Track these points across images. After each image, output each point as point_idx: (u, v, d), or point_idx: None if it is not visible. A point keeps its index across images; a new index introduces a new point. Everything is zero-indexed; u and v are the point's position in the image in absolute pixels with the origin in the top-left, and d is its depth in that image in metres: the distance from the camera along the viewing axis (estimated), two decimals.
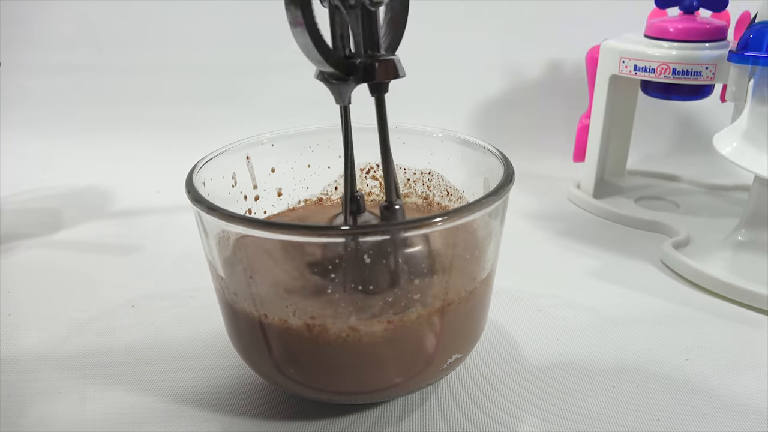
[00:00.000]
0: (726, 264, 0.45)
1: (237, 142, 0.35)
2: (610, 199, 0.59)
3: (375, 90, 0.28)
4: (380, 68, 0.27)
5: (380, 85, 0.28)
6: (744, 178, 0.59)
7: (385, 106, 0.29)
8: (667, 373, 0.35)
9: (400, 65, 0.28)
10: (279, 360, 0.30)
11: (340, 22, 0.27)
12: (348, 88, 0.28)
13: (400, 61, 0.28)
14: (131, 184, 0.66)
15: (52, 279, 0.47)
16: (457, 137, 0.37)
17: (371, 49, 0.27)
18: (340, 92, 0.28)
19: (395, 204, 0.30)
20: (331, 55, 0.26)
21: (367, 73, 0.27)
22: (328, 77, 0.28)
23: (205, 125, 0.76)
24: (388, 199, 0.30)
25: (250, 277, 0.29)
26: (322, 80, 0.28)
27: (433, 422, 0.32)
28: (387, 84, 0.28)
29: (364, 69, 0.27)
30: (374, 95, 0.28)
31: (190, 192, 0.29)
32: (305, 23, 0.24)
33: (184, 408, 0.33)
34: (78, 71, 0.82)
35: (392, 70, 0.27)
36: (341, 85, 0.28)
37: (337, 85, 0.28)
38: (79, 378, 0.35)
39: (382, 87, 0.28)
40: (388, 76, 0.27)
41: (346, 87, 0.28)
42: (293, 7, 0.24)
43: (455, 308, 0.29)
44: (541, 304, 0.42)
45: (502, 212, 0.30)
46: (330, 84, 0.28)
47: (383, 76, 0.27)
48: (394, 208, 0.30)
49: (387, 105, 0.29)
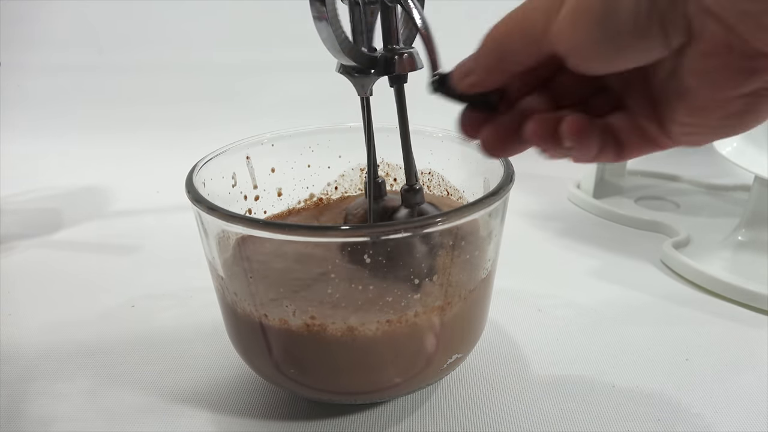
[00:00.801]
0: (726, 264, 0.45)
1: (237, 142, 0.35)
2: (610, 199, 0.59)
3: (395, 81, 0.29)
4: (400, 61, 0.28)
5: (400, 76, 0.29)
6: (744, 178, 0.59)
7: (404, 95, 0.30)
8: (667, 373, 0.35)
9: (418, 57, 0.29)
10: (279, 360, 0.30)
11: (359, 17, 0.28)
12: (369, 81, 0.30)
13: (417, 54, 0.29)
14: (131, 184, 0.66)
15: (52, 279, 0.47)
16: (457, 137, 0.37)
17: (390, 43, 0.28)
18: (362, 84, 0.30)
19: (415, 186, 0.32)
20: (353, 48, 0.27)
21: (388, 66, 0.28)
22: (350, 70, 0.29)
23: (205, 125, 0.76)
24: (409, 182, 0.31)
25: (250, 277, 0.29)
26: (344, 73, 0.30)
27: (433, 422, 0.32)
28: (406, 75, 0.29)
29: (384, 62, 0.28)
30: (394, 86, 0.30)
31: (190, 192, 0.29)
32: (328, 18, 0.25)
33: (184, 408, 0.33)
34: (78, 71, 0.82)
35: (411, 62, 0.29)
36: (363, 78, 0.29)
37: (359, 78, 0.29)
38: (79, 378, 0.35)
39: (402, 78, 0.29)
40: (407, 68, 0.29)
41: (368, 80, 0.30)
42: (318, 2, 0.25)
43: (455, 308, 0.29)
44: (541, 304, 0.42)
45: (502, 212, 0.30)
46: (352, 77, 0.30)
47: (403, 68, 0.29)
48: (415, 189, 0.32)
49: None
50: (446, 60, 0.25)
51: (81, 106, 0.81)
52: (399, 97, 0.30)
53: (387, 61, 0.28)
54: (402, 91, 0.30)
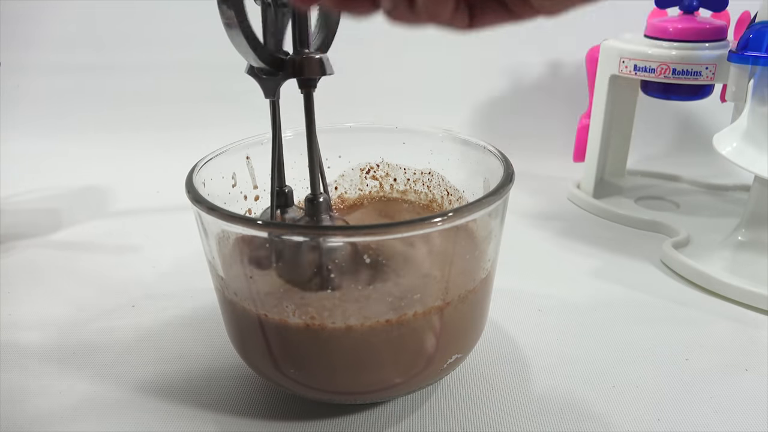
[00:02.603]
0: (726, 264, 0.45)
1: (237, 142, 0.35)
2: (610, 199, 0.59)
3: (304, 85, 0.29)
4: (308, 64, 0.28)
5: (309, 80, 0.29)
6: (744, 178, 0.59)
7: (312, 101, 0.30)
8: (667, 373, 0.35)
9: (329, 63, 0.29)
10: (279, 360, 0.30)
11: (271, 19, 0.28)
12: (277, 84, 0.29)
13: (328, 59, 0.29)
14: (131, 184, 0.66)
15: (52, 279, 0.47)
16: (457, 137, 0.37)
17: (301, 46, 0.28)
18: (269, 87, 0.30)
19: (319, 197, 0.31)
20: (262, 51, 0.27)
21: (296, 69, 0.28)
22: (258, 72, 0.29)
23: (205, 125, 0.76)
24: (313, 192, 0.31)
25: (250, 277, 0.29)
26: (252, 75, 0.29)
27: (433, 422, 0.32)
28: (316, 80, 0.29)
29: (293, 65, 0.28)
30: (303, 90, 0.29)
31: (190, 192, 0.29)
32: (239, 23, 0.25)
33: (184, 408, 0.33)
34: (78, 71, 0.82)
35: (320, 66, 0.28)
36: (271, 80, 0.29)
37: (267, 80, 0.29)
38: (79, 378, 0.35)
39: (311, 83, 0.29)
40: (315, 72, 0.29)
41: (276, 82, 0.29)
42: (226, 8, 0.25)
43: (455, 308, 0.29)
44: (541, 304, 0.42)
45: (502, 212, 0.30)
46: (260, 79, 0.29)
47: (311, 72, 0.28)
48: (318, 201, 0.31)
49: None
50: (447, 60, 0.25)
51: (81, 106, 0.81)
52: (307, 103, 0.29)
53: (295, 64, 0.28)
54: (311, 96, 0.29)
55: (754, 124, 0.42)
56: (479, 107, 0.78)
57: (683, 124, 0.76)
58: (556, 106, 0.75)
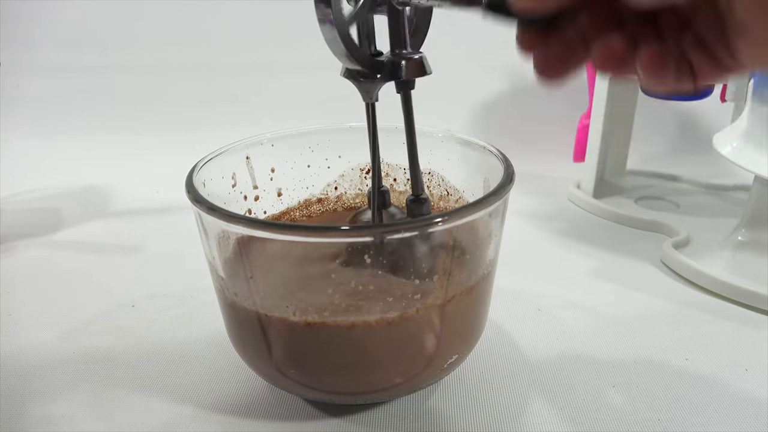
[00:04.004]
0: (726, 264, 0.45)
1: (237, 142, 0.35)
2: (610, 199, 0.59)
3: (402, 87, 0.28)
4: (407, 66, 0.27)
5: (407, 82, 0.28)
6: (744, 178, 0.59)
7: (411, 102, 0.29)
8: (667, 373, 0.35)
9: (427, 63, 0.28)
10: (279, 360, 0.30)
11: (366, 20, 0.27)
12: (375, 86, 0.28)
13: (426, 59, 0.28)
14: (131, 184, 0.66)
15: (52, 279, 0.47)
16: (457, 137, 0.37)
17: (398, 47, 0.27)
18: (367, 90, 0.29)
19: (422, 196, 0.30)
20: (358, 52, 0.26)
21: (394, 71, 0.27)
22: (355, 75, 0.28)
23: (205, 125, 0.76)
24: (415, 192, 0.30)
25: (250, 277, 0.29)
26: (349, 78, 0.28)
27: (433, 422, 0.32)
28: (413, 81, 0.28)
29: (391, 67, 0.27)
30: (400, 92, 0.28)
31: (190, 192, 0.29)
32: (333, 20, 0.24)
33: (184, 408, 0.33)
34: (78, 71, 0.82)
35: (419, 67, 0.27)
36: (368, 83, 0.28)
37: (365, 83, 0.28)
38: (79, 378, 0.35)
39: (409, 84, 0.28)
40: (414, 74, 0.28)
41: (373, 85, 0.28)
42: (322, 4, 0.24)
43: (455, 308, 0.29)
44: (541, 304, 0.42)
45: (502, 212, 0.30)
46: (357, 82, 0.28)
47: (410, 74, 0.27)
48: (421, 199, 0.30)
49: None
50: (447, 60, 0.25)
51: (81, 106, 0.81)
52: (406, 104, 0.29)
53: (393, 66, 0.27)
54: (409, 97, 0.29)
55: (754, 124, 0.42)
56: (479, 107, 0.78)
57: (683, 123, 0.76)
58: (556, 106, 0.75)
